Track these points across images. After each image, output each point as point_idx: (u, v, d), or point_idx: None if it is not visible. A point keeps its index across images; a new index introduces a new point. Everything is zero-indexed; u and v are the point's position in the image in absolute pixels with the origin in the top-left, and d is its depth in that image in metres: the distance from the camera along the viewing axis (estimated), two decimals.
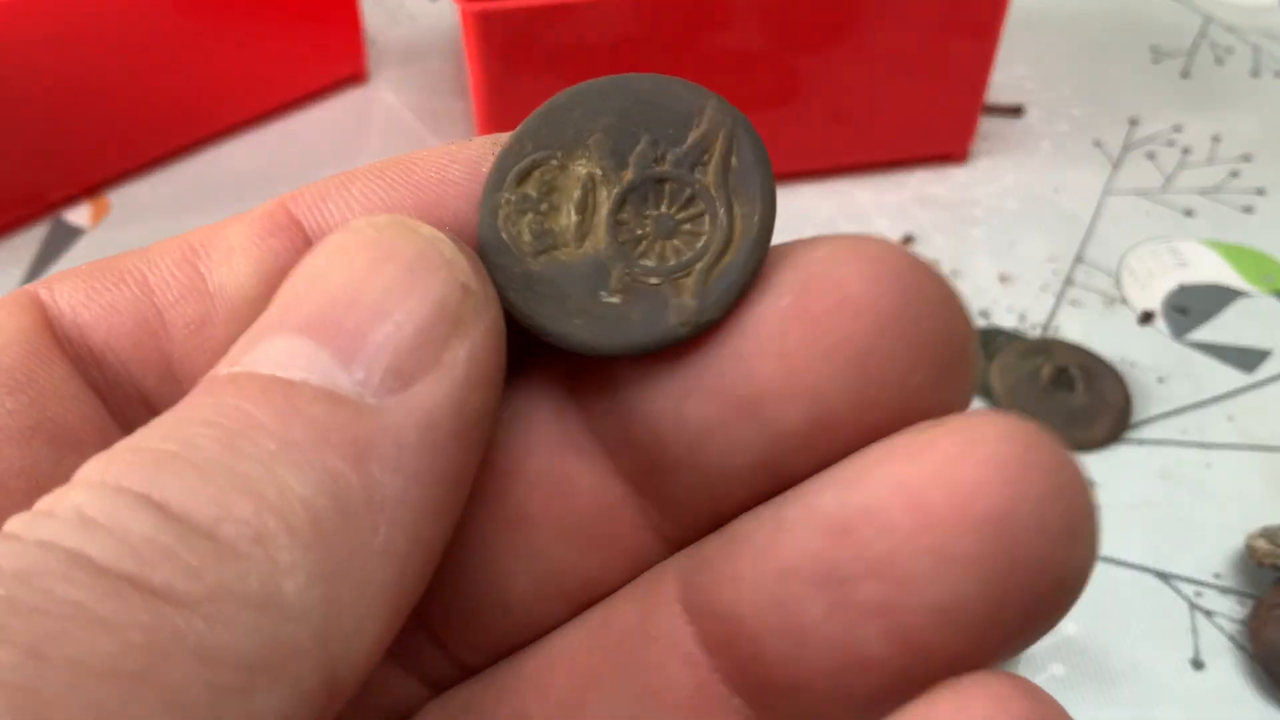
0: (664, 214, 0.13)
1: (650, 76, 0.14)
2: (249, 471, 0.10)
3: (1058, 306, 0.49)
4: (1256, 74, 0.65)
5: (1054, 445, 0.12)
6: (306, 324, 0.11)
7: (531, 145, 0.13)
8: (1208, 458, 0.42)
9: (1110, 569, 0.38)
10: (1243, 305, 0.49)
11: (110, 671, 0.09)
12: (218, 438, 0.10)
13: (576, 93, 0.14)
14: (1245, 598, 0.37)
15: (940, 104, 0.55)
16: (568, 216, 0.13)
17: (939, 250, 0.52)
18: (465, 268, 0.12)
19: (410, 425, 0.11)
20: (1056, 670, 0.35)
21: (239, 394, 0.11)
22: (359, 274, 0.11)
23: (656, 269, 0.13)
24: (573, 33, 0.48)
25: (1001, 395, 0.43)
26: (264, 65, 0.56)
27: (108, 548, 0.09)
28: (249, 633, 0.09)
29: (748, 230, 0.13)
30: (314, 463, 0.10)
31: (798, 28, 0.50)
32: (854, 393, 0.12)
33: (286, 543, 0.10)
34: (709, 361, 0.13)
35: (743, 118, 0.14)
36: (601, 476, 0.14)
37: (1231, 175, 0.57)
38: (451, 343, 0.11)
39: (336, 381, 0.11)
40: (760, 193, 0.13)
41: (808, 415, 0.12)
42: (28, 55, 0.49)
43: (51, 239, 0.52)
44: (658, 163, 0.13)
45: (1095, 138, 0.59)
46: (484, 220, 0.13)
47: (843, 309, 0.12)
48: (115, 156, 0.54)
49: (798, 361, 0.12)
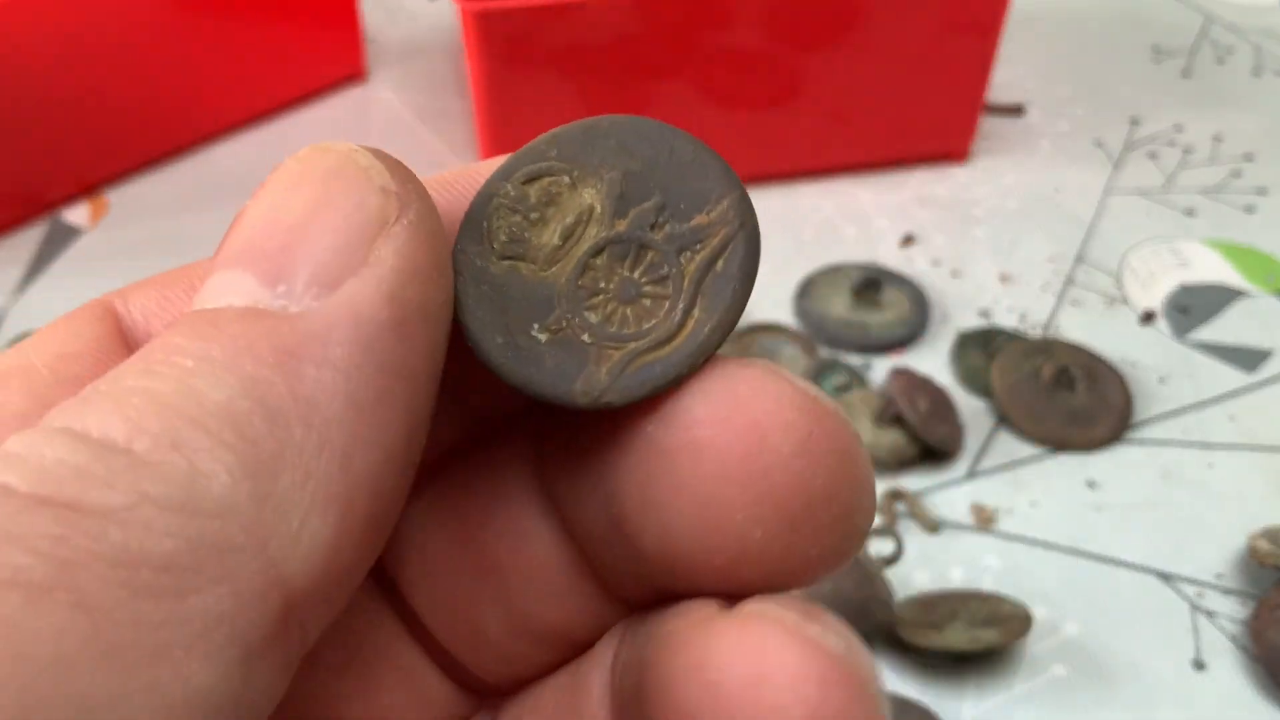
0: (632, 279, 0.13)
1: (694, 143, 0.13)
2: (162, 388, 0.10)
3: (1059, 306, 0.49)
4: (1258, 73, 0.65)
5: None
6: (235, 257, 0.11)
7: (556, 153, 0.13)
8: (1209, 458, 0.42)
9: (1111, 569, 0.38)
10: (1244, 305, 0.49)
11: (13, 582, 0.09)
12: (140, 369, 0.11)
13: (620, 123, 0.13)
14: (1247, 598, 0.37)
15: (941, 103, 0.55)
16: (550, 236, 0.13)
17: (939, 250, 0.52)
18: (383, 171, 0.12)
19: (338, 323, 0.11)
20: (1058, 671, 0.35)
21: (169, 332, 0.11)
22: (278, 199, 0.12)
23: (595, 327, 0.13)
24: (572, 32, 0.48)
25: (1002, 395, 0.43)
26: (263, 64, 0.56)
27: (23, 474, 0.09)
28: (169, 535, 0.09)
29: (694, 336, 0.13)
30: (232, 370, 0.10)
31: (798, 27, 0.50)
32: (695, 537, 0.12)
33: (206, 445, 0.10)
34: (604, 458, 0.13)
35: (753, 226, 0.13)
36: (559, 533, 0.14)
37: (1233, 175, 0.57)
38: (376, 243, 0.11)
39: (259, 299, 0.11)
40: (725, 306, 0.13)
41: (658, 546, 0.13)
42: (27, 54, 0.49)
43: (50, 238, 0.52)
44: (654, 228, 0.13)
45: (1096, 137, 0.59)
46: (476, 201, 0.13)
47: (691, 449, 0.12)
48: (114, 155, 0.54)
49: (651, 493, 0.12)
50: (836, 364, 0.45)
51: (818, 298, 0.48)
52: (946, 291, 0.49)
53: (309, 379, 0.11)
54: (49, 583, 0.09)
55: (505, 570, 0.14)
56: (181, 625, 0.09)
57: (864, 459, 0.12)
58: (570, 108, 0.50)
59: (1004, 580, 0.38)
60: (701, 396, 0.12)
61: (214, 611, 0.09)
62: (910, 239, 0.52)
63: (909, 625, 0.35)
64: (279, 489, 0.10)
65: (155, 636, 0.09)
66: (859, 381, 0.44)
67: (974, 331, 0.47)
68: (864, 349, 0.46)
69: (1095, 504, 0.40)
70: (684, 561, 0.13)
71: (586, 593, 0.14)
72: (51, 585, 0.09)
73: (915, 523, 0.39)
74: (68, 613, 0.09)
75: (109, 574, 0.09)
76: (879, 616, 0.35)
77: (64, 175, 0.53)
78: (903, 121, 0.55)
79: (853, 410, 0.42)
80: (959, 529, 0.39)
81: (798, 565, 0.12)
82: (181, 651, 0.09)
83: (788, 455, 0.12)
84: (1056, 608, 0.37)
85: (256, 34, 0.55)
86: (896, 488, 0.40)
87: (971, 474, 0.41)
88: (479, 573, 0.14)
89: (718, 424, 0.12)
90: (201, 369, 0.10)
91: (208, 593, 0.09)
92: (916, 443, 0.41)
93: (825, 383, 0.44)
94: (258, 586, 0.10)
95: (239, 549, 0.10)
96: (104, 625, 0.09)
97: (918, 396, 0.41)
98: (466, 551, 0.14)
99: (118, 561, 0.09)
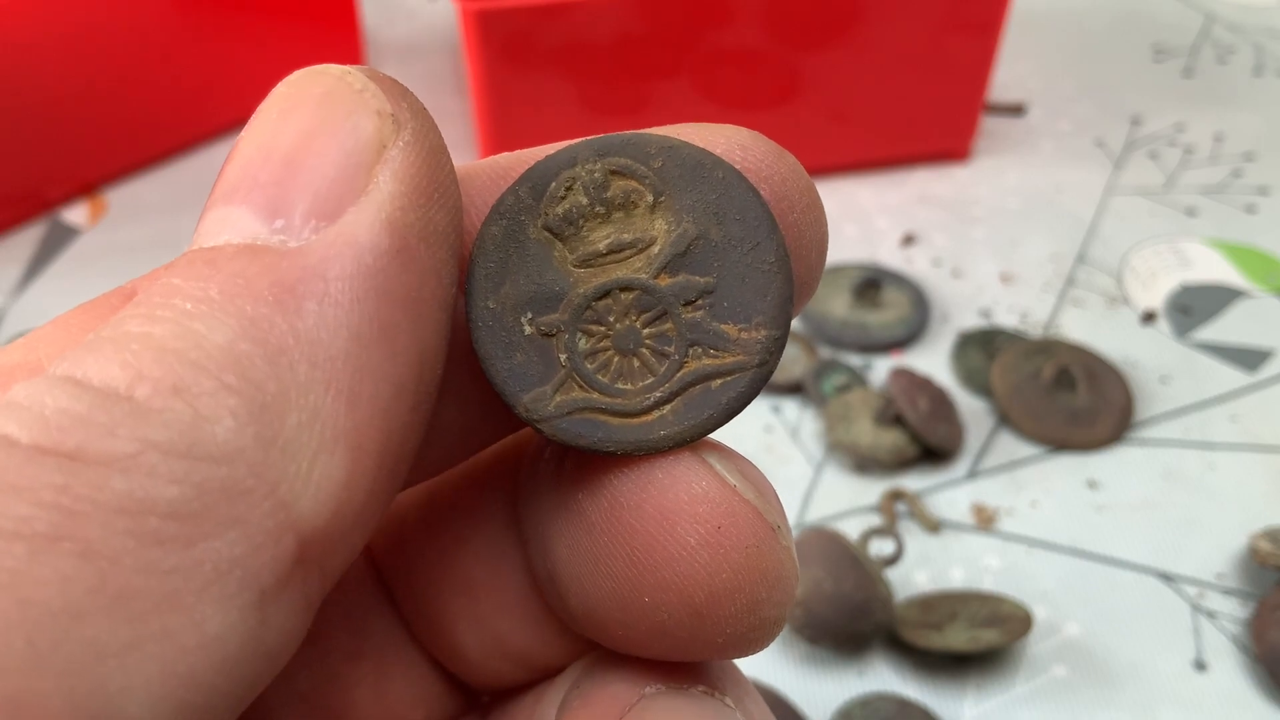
0: (638, 334, 0.12)
1: (781, 257, 0.12)
2: (161, 332, 0.10)
3: (1060, 306, 0.49)
4: (1259, 73, 0.65)
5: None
6: (231, 192, 0.11)
7: (661, 165, 0.12)
8: (1210, 458, 0.42)
9: (1112, 570, 0.38)
10: (1245, 305, 0.49)
11: (16, 533, 0.09)
12: (140, 314, 0.10)
13: (733, 184, 0.12)
14: (1248, 598, 0.37)
15: (942, 103, 0.55)
16: (601, 239, 0.12)
17: (940, 250, 0.51)
18: (378, 93, 0.11)
19: (339, 255, 0.10)
20: (1059, 671, 0.35)
21: (168, 272, 0.11)
22: (272, 129, 0.11)
23: (577, 354, 0.12)
24: (572, 32, 0.48)
25: (1002, 395, 0.43)
26: (262, 63, 0.56)
27: (25, 424, 0.09)
28: (174, 482, 0.09)
29: (650, 429, 0.12)
30: (231, 312, 0.10)
31: (799, 27, 0.50)
32: (609, 609, 0.12)
33: (208, 389, 0.10)
34: (546, 514, 0.13)
35: (768, 372, 0.12)
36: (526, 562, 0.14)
37: (1234, 174, 0.57)
38: (375, 169, 0.11)
39: (257, 235, 0.11)
40: (694, 424, 0.12)
41: (581, 608, 0.13)
42: (27, 54, 0.48)
43: (49, 238, 0.52)
44: (688, 305, 0.12)
45: (1097, 136, 0.59)
46: (556, 158, 0.12)
47: (608, 527, 0.12)
48: (113, 155, 0.54)
49: (576, 559, 0.13)
50: (836, 364, 0.45)
51: (818, 297, 0.48)
52: (947, 291, 0.49)
53: (311, 315, 0.10)
54: (54, 533, 0.09)
55: (479, 591, 0.14)
56: (192, 571, 0.09)
57: (778, 553, 0.12)
58: (570, 107, 0.50)
59: (1004, 580, 0.38)
60: (629, 477, 0.12)
61: (225, 556, 0.09)
62: (911, 239, 0.52)
63: (909, 625, 0.35)
64: (285, 430, 0.10)
65: (165, 584, 0.09)
66: (859, 381, 0.44)
67: (974, 331, 0.47)
68: (864, 349, 0.46)
69: (1096, 504, 0.40)
70: (604, 628, 0.13)
71: (550, 623, 0.14)
72: (56, 535, 0.09)
73: (916, 523, 0.39)
74: (74, 562, 0.09)
75: (114, 522, 0.09)
76: (879, 616, 0.35)
77: (63, 175, 0.53)
78: (903, 121, 0.55)
79: (852, 410, 0.42)
80: (959, 529, 0.39)
81: (707, 647, 0.12)
82: (193, 597, 0.09)
83: (693, 546, 0.12)
84: (1057, 608, 0.37)
85: (255, 33, 0.55)
86: (897, 488, 0.40)
87: (972, 474, 0.41)
88: (457, 591, 0.14)
89: (635, 506, 0.12)
90: (200, 311, 0.10)
91: (217, 538, 0.09)
92: (917, 443, 0.41)
93: (825, 383, 0.44)
94: (269, 529, 0.10)
95: (248, 493, 0.10)
96: (111, 574, 0.09)
97: (918, 396, 0.41)
98: (448, 569, 0.14)
99: (122, 510, 0.09)
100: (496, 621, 0.14)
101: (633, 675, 0.13)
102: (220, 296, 0.10)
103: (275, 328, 0.10)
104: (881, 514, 0.40)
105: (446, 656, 0.15)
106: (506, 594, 0.14)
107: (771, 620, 0.12)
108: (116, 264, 0.50)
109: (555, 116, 0.50)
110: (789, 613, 0.13)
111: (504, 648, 0.14)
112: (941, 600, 0.36)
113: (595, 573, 0.12)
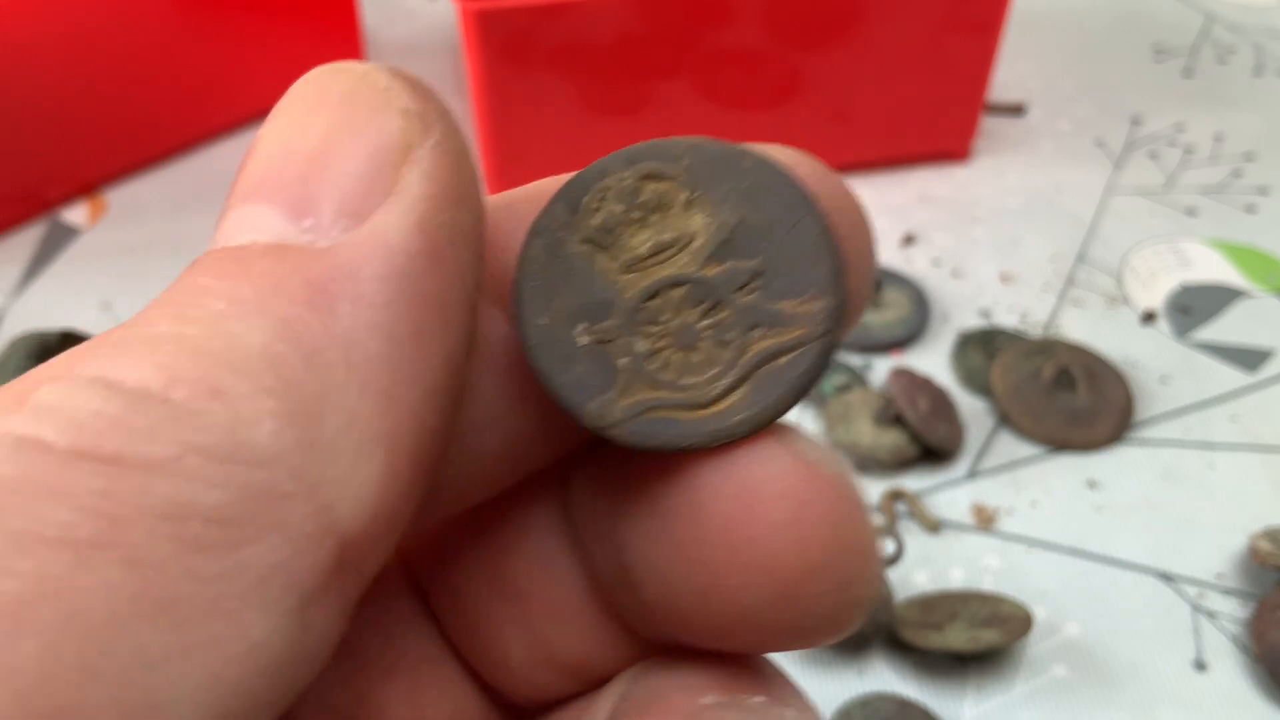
0: (695, 327, 0.12)
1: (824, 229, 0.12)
2: (196, 333, 0.10)
3: (1060, 306, 0.49)
4: (1259, 73, 0.65)
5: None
6: (254, 190, 0.11)
7: (688, 163, 0.12)
8: (1210, 458, 0.42)
9: (1112, 570, 0.38)
10: (1245, 305, 0.49)
11: (60, 540, 0.08)
12: (169, 313, 0.10)
13: (764, 168, 0.12)
14: (1248, 599, 0.37)
15: (942, 102, 0.55)
16: (642, 243, 0.12)
17: (940, 250, 0.51)
18: (403, 92, 0.11)
19: (369, 256, 0.10)
20: (1058, 672, 0.35)
21: (194, 272, 0.11)
22: (295, 126, 0.11)
23: (637, 357, 0.12)
24: (572, 32, 0.48)
25: (1002, 395, 0.43)
26: (262, 63, 0.56)
27: (59, 427, 0.09)
28: (216, 486, 0.09)
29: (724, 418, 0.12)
30: (265, 312, 0.10)
31: (799, 26, 0.50)
32: (691, 597, 0.12)
33: (247, 392, 0.10)
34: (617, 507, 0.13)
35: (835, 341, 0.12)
36: (582, 566, 0.14)
37: (1234, 174, 0.57)
38: (402, 169, 0.11)
39: (285, 234, 0.11)
40: (769, 404, 0.12)
41: (659, 601, 0.12)
42: (27, 54, 0.48)
43: (49, 238, 0.52)
44: (740, 290, 0.12)
45: (1097, 136, 0.59)
46: (586, 174, 0.12)
47: (688, 511, 0.12)
48: (113, 155, 0.54)
49: (653, 549, 0.12)
50: (836, 364, 0.45)
51: None
52: (947, 291, 0.49)
53: (345, 316, 0.10)
54: (98, 539, 0.09)
55: (529, 598, 0.14)
56: (235, 577, 0.09)
57: (865, 529, 0.12)
58: (570, 107, 0.50)
59: (1004, 580, 0.38)
60: (706, 460, 0.12)
61: (268, 561, 0.09)
62: (910, 238, 0.52)
63: (909, 625, 0.35)
64: (325, 433, 0.10)
65: (209, 590, 0.09)
66: (859, 381, 0.44)
67: (974, 331, 0.47)
68: (864, 349, 0.46)
69: (1096, 504, 0.40)
70: (683, 618, 0.12)
71: (607, 628, 0.14)
72: (100, 542, 0.09)
73: (916, 523, 0.39)
74: (119, 569, 0.09)
75: (158, 528, 0.09)
76: (879, 616, 0.35)
77: (63, 175, 0.53)
78: (903, 121, 0.55)
79: (852, 410, 0.42)
80: (959, 529, 0.39)
81: (794, 632, 0.12)
82: (237, 603, 0.09)
83: (780, 524, 0.11)
84: (1057, 608, 0.37)
85: (255, 33, 0.55)
86: (897, 488, 0.40)
87: (972, 474, 0.41)
88: (504, 598, 0.14)
89: (714, 488, 0.12)
90: (234, 311, 0.10)
91: (260, 543, 0.09)
92: (917, 443, 0.41)
93: (825, 382, 0.44)
94: (311, 533, 0.10)
95: (289, 496, 0.09)
96: (156, 581, 0.09)
97: (918, 396, 0.41)
98: (493, 576, 0.14)
99: (166, 515, 0.09)
100: (547, 628, 0.14)
101: (688, 684, 0.13)
102: (253, 296, 0.10)
103: (310, 329, 0.10)
104: (881, 514, 0.40)
105: (488, 667, 0.15)
106: (558, 600, 0.14)
107: (861, 600, 0.12)
108: (116, 264, 0.50)
109: (556, 116, 0.50)
110: (875, 593, 0.13)
111: (553, 656, 0.14)
112: (941, 600, 0.36)
113: (676, 560, 0.12)
